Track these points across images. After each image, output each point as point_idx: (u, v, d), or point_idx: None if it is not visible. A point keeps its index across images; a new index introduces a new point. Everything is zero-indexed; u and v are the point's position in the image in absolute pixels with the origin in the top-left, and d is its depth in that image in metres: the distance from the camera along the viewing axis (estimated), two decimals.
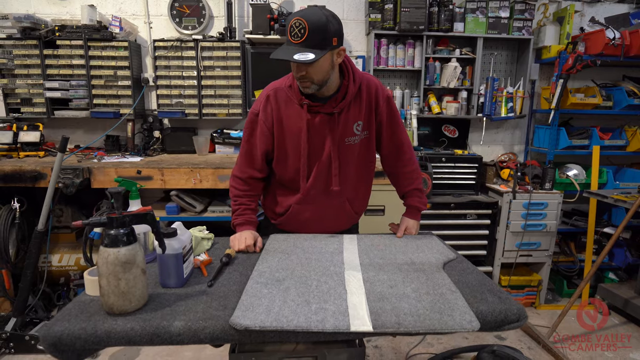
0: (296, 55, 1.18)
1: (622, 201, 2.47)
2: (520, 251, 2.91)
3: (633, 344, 2.53)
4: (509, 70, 3.23)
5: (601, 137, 3.08)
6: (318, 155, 1.42)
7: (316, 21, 1.18)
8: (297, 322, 0.89)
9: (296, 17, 1.19)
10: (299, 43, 1.19)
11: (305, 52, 1.19)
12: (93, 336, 0.88)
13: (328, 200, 1.48)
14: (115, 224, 0.91)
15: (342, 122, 1.39)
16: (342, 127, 1.39)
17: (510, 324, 0.96)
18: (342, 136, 1.41)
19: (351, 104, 1.39)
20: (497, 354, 1.64)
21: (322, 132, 1.39)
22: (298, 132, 1.38)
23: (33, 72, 2.77)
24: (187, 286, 1.10)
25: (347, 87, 1.36)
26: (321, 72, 1.27)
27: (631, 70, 3.26)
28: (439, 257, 1.30)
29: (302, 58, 1.18)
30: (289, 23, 1.20)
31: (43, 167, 2.39)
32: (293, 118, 1.38)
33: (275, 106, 1.39)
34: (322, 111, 1.37)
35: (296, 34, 1.19)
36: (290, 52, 1.19)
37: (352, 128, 1.41)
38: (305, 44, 1.19)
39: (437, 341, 2.50)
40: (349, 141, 1.42)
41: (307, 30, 1.17)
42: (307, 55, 1.18)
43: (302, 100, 1.35)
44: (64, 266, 2.76)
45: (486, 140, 3.30)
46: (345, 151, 1.43)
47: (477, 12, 2.93)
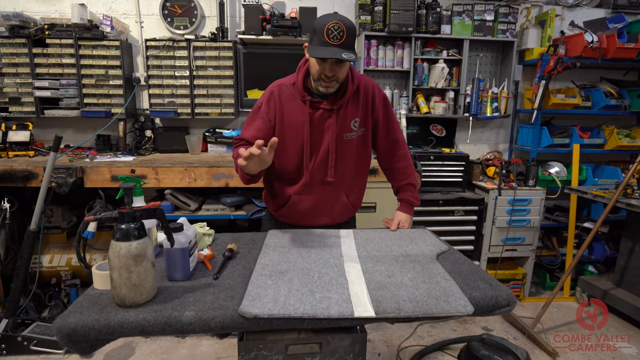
0: (344, 54, 1.27)
1: (601, 197, 2.60)
2: (506, 246, 3.02)
3: (611, 332, 2.66)
4: (494, 72, 3.34)
5: (581, 136, 3.22)
6: (317, 148, 1.50)
7: (350, 25, 1.30)
8: (304, 309, 0.94)
9: (333, 20, 1.28)
10: (338, 44, 1.28)
11: (345, 52, 1.28)
12: (106, 327, 0.91)
13: (326, 192, 1.55)
14: (126, 218, 0.94)
15: (340, 118, 1.48)
16: (340, 123, 1.48)
17: (502, 309, 1.03)
18: (340, 131, 1.49)
19: (349, 101, 1.48)
20: (486, 342, 1.72)
21: (321, 127, 1.48)
22: (300, 126, 1.46)
23: (22, 71, 2.74)
24: (192, 279, 1.14)
25: (347, 85, 1.46)
26: (346, 72, 1.39)
27: (608, 72, 3.42)
28: (432, 248, 1.37)
29: (349, 56, 1.28)
30: (325, 26, 1.27)
31: (34, 167, 2.37)
32: (295, 112, 1.47)
33: (279, 101, 1.47)
34: (322, 107, 1.45)
35: (335, 36, 1.27)
36: (334, 52, 1.28)
37: (350, 124, 1.50)
38: (343, 45, 1.29)
39: (427, 334, 2.58)
40: (347, 137, 1.51)
41: (345, 33, 1.28)
42: (350, 55, 1.29)
43: (305, 97, 1.44)
44: (55, 267, 2.74)
45: (472, 139, 3.41)
46: (343, 146, 1.51)
47: (463, 15, 3.03)
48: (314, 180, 1.53)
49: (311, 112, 1.45)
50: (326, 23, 1.28)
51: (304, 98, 1.45)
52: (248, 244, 1.45)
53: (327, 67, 1.34)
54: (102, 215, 0.95)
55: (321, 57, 1.30)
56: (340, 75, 1.37)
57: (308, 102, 1.44)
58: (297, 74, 1.48)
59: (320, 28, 1.29)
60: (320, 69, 1.35)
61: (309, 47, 1.35)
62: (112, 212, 0.95)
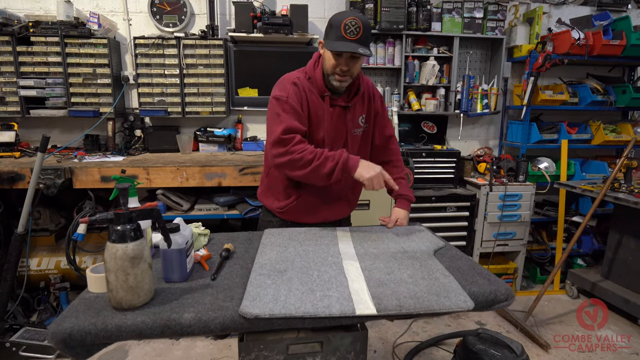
0: (360, 49, 1.30)
1: (589, 191, 2.65)
2: (497, 241, 3.06)
3: (600, 322, 2.72)
4: (484, 68, 3.37)
5: (569, 132, 3.27)
6: (335, 143, 1.51)
7: (366, 22, 1.33)
8: (305, 308, 0.93)
9: (350, 17, 1.31)
10: (355, 40, 1.31)
11: (362, 47, 1.31)
12: (104, 331, 0.89)
13: (335, 187, 1.55)
14: (122, 219, 0.92)
15: (352, 114, 1.51)
16: (352, 119, 1.51)
17: (500, 303, 1.04)
18: (351, 127, 1.52)
19: (358, 99, 1.51)
20: (481, 337, 1.73)
21: (340, 123, 1.50)
22: (319, 121, 1.47)
23: (5, 70, 2.67)
24: (190, 280, 1.12)
25: (359, 83, 1.49)
26: (359, 67, 1.42)
27: (594, 69, 3.48)
28: (429, 245, 1.37)
29: (365, 52, 1.31)
30: (343, 21, 1.30)
31: (21, 168, 2.31)
32: (316, 107, 1.46)
33: (303, 92, 1.45)
34: (339, 104, 1.47)
35: (352, 31, 1.30)
36: (352, 47, 1.30)
37: (358, 120, 1.54)
38: (360, 41, 1.32)
39: (422, 329, 2.60)
40: (355, 132, 1.55)
41: (362, 29, 1.31)
42: (366, 50, 1.32)
43: (325, 92, 1.44)
44: (44, 270, 2.67)
45: (463, 135, 3.44)
46: (351, 141, 1.54)
47: (453, 13, 3.05)
48: None
49: (331, 110, 1.46)
50: (344, 19, 1.30)
51: (323, 94, 1.45)
52: (244, 243, 1.44)
53: (342, 61, 1.35)
54: (97, 217, 0.92)
55: (339, 50, 1.32)
56: (355, 71, 1.39)
57: (327, 99, 1.45)
58: (313, 69, 1.46)
59: (337, 23, 1.31)
60: (335, 63, 1.36)
61: (326, 41, 1.36)
62: (107, 214, 0.93)
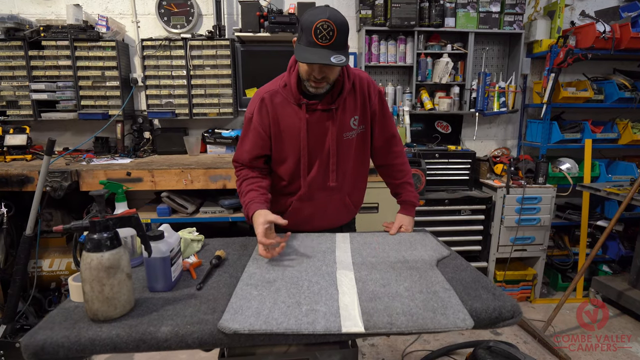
0: (333, 59, 1.16)
1: (615, 194, 2.48)
2: (515, 246, 2.91)
3: (627, 334, 2.54)
4: (501, 65, 3.22)
5: (593, 131, 3.08)
6: (318, 153, 1.41)
7: (341, 23, 1.18)
8: (287, 324, 0.87)
9: (322, 19, 1.15)
10: (327, 45, 1.17)
11: (336, 54, 1.17)
12: (77, 344, 0.85)
13: (328, 196, 1.48)
14: (98, 227, 0.88)
15: (339, 117, 1.39)
16: (340, 123, 1.39)
17: (505, 321, 0.94)
18: (340, 131, 1.40)
19: (346, 99, 1.39)
20: (492, 350, 1.63)
21: (321, 129, 1.39)
22: (297, 132, 1.37)
23: (18, 74, 2.72)
24: (175, 290, 1.07)
25: (343, 82, 1.36)
26: (337, 73, 1.29)
27: (621, 64, 3.27)
28: (432, 254, 1.28)
29: (339, 61, 1.16)
30: (313, 25, 1.15)
31: (30, 171, 2.34)
32: (291, 118, 1.37)
33: (272, 108, 1.37)
34: (320, 108, 1.36)
35: (324, 36, 1.16)
36: (324, 56, 1.16)
37: (349, 123, 1.41)
38: (333, 46, 1.17)
39: (433, 338, 2.50)
40: (347, 136, 1.42)
41: (336, 32, 1.16)
42: (341, 57, 1.17)
43: (301, 100, 1.34)
44: (55, 271, 2.71)
45: (479, 135, 3.30)
46: (343, 146, 1.43)
47: (468, 7, 2.92)
48: (314, 186, 1.45)
49: (308, 117, 1.35)
50: (315, 21, 1.15)
51: (299, 102, 1.35)
52: (239, 249, 1.38)
53: (315, 68, 1.24)
54: (71, 225, 0.89)
55: (307, 62, 1.18)
56: (331, 77, 1.27)
57: (304, 106, 1.34)
58: (289, 75, 1.37)
59: (308, 26, 1.17)
60: (309, 69, 1.26)
61: (296, 47, 1.24)
62: (82, 222, 0.89)
